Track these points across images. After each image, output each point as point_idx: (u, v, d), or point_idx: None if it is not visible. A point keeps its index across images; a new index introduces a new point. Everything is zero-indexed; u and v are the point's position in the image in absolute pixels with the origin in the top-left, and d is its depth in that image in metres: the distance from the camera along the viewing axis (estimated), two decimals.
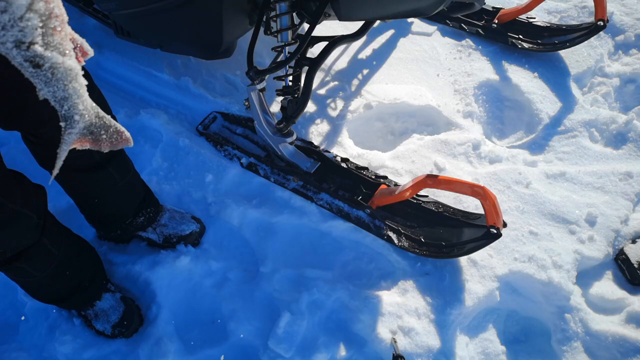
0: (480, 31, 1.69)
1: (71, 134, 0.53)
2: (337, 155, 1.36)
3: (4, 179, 0.79)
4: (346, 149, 1.42)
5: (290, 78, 1.27)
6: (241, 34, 1.34)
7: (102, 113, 0.56)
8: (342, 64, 1.66)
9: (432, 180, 1.12)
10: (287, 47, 1.18)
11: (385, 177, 1.31)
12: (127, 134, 0.60)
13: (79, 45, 0.55)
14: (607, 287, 1.20)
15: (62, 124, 0.53)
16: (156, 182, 1.34)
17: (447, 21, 1.75)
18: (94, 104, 0.56)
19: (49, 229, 0.94)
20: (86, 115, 0.53)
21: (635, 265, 1.19)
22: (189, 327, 1.15)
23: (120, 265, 1.21)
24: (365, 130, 1.52)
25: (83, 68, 0.87)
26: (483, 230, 1.10)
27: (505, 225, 1.11)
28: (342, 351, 1.08)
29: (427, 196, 1.26)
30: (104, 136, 0.56)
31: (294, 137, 1.31)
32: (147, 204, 1.18)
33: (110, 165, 1.01)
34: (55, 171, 0.55)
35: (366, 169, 1.33)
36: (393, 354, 1.02)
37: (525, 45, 1.63)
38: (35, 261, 0.93)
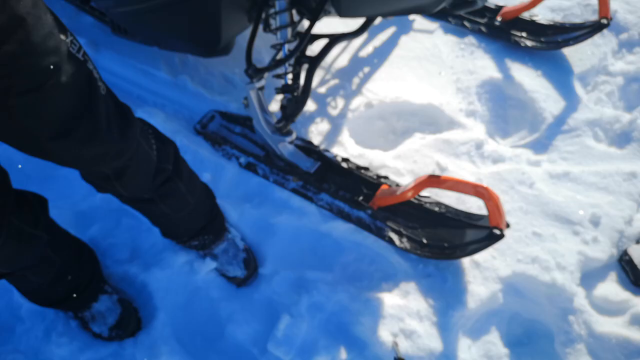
0: (483, 29, 1.67)
1: None
2: (337, 155, 1.34)
3: (14, 198, 0.78)
4: (347, 148, 1.41)
5: (290, 76, 1.26)
6: (240, 31, 1.32)
7: None
8: (342, 61, 1.64)
9: (434, 180, 1.11)
10: (286, 45, 1.16)
11: (386, 177, 1.30)
12: None
13: None
14: (611, 288, 1.19)
15: None
16: None
17: (449, 18, 1.73)
18: None
19: (52, 236, 0.93)
20: None
21: (639, 267, 1.17)
22: (186, 329, 1.13)
23: (117, 266, 1.20)
24: (366, 130, 1.50)
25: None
26: (486, 231, 1.08)
27: (508, 226, 1.10)
28: (343, 354, 1.06)
29: (429, 196, 1.25)
30: None
31: (294, 136, 1.30)
32: (207, 231, 1.12)
33: (162, 202, 0.95)
34: None
35: (367, 168, 1.32)
36: (394, 357, 1.00)
37: (528, 43, 1.62)
38: (36, 270, 0.92)
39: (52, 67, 0.61)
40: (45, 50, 0.60)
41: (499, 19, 1.66)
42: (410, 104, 1.50)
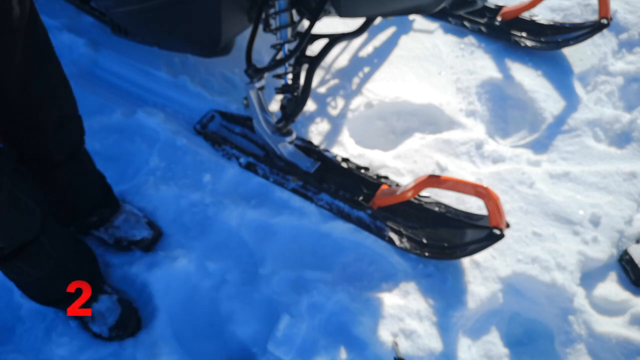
0: (483, 29, 1.68)
1: None
2: (337, 155, 1.34)
3: (14, 170, 0.79)
4: (347, 148, 1.41)
5: (290, 76, 1.26)
6: (240, 31, 1.33)
7: None
8: (342, 61, 1.64)
9: (434, 180, 1.11)
10: (286, 45, 1.16)
11: (386, 177, 1.30)
12: None
13: None
14: (611, 288, 1.19)
15: None
16: (153, 182, 1.32)
17: (449, 18, 1.73)
18: None
19: (48, 228, 0.93)
20: None
21: None
22: (186, 329, 1.13)
23: (116, 267, 1.20)
24: (366, 129, 1.51)
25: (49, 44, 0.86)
26: (486, 231, 1.08)
27: (508, 226, 1.10)
28: (343, 354, 1.06)
29: (429, 196, 1.25)
30: None
31: (294, 136, 1.30)
32: (103, 204, 1.16)
33: (66, 167, 1.00)
34: None
35: (367, 168, 1.32)
36: (394, 357, 1.00)
37: (528, 43, 1.62)
38: (33, 260, 0.93)
39: None
40: None
41: (499, 19, 1.66)
42: (410, 103, 1.51)
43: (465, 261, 1.17)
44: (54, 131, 0.91)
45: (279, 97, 1.27)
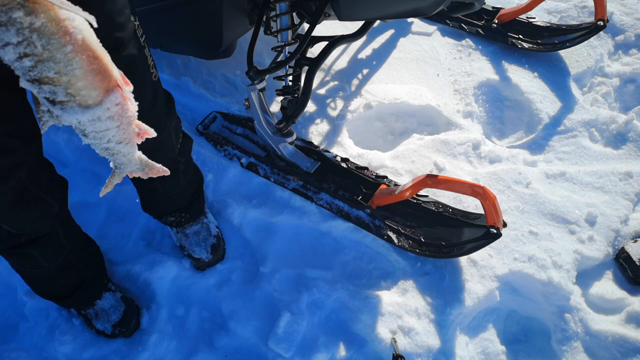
0: (480, 31, 1.70)
1: (117, 176, 0.65)
2: (337, 155, 1.36)
3: (35, 164, 0.80)
4: (346, 148, 1.42)
5: (290, 78, 1.27)
6: (241, 33, 1.34)
7: (145, 159, 0.65)
8: (342, 63, 1.66)
9: (432, 180, 1.12)
10: (287, 47, 1.18)
11: (385, 177, 1.31)
12: (165, 169, 0.69)
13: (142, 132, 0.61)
14: (607, 287, 1.20)
15: (111, 165, 0.63)
16: None
17: (447, 21, 1.75)
18: (142, 156, 0.64)
19: (65, 220, 0.95)
20: (132, 166, 0.64)
21: (638, 263, 1.18)
22: (188, 327, 1.15)
23: (120, 264, 1.21)
24: (365, 130, 1.52)
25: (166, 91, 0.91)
26: (483, 230, 1.10)
27: (505, 225, 1.11)
28: (342, 351, 1.08)
29: (427, 196, 1.26)
30: (146, 171, 0.68)
31: (294, 137, 1.31)
32: (185, 210, 1.16)
33: (157, 180, 0.96)
34: (102, 194, 0.66)
35: (366, 168, 1.33)
36: (393, 354, 1.02)
37: (525, 45, 1.64)
38: (46, 250, 0.94)
39: (115, 41, 0.67)
40: (113, 24, 0.66)
41: (496, 21, 1.68)
42: (409, 105, 1.52)
43: (463, 259, 1.19)
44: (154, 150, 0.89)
45: (280, 98, 1.28)
